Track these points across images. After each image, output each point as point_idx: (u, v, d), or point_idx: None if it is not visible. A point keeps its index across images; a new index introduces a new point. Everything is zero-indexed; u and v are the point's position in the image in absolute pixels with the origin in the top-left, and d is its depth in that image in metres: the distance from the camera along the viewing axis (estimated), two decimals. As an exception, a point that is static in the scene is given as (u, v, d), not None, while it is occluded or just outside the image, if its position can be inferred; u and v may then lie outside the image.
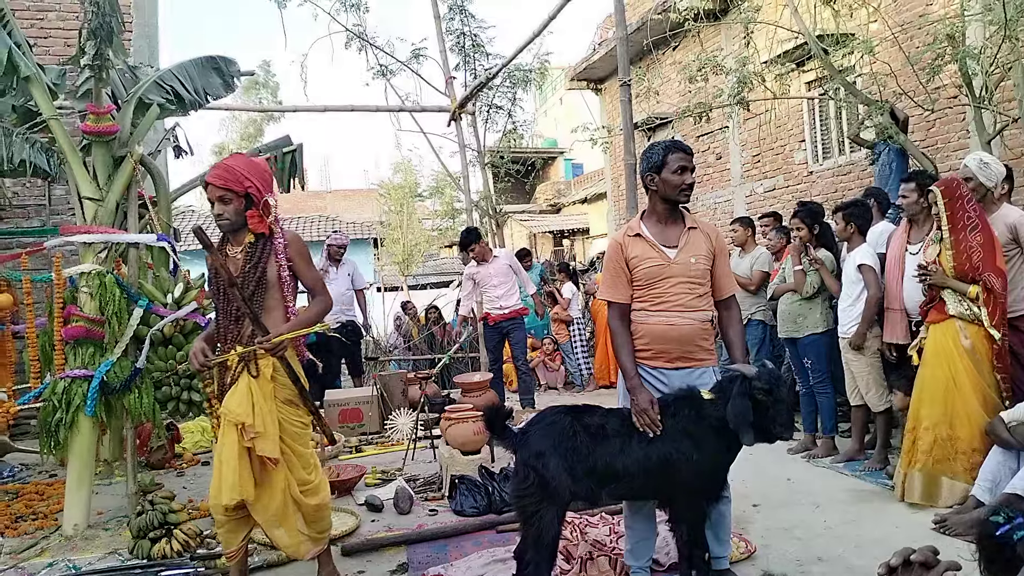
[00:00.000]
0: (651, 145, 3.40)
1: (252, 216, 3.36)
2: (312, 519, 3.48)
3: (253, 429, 3.19)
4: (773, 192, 10.38)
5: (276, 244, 3.42)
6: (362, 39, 10.83)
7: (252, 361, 3.30)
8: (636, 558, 3.42)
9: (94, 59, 4.69)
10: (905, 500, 4.40)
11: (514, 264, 7.96)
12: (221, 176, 3.33)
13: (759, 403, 3.05)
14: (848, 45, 6.24)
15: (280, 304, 3.44)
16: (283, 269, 3.41)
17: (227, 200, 3.33)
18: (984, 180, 4.41)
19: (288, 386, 3.41)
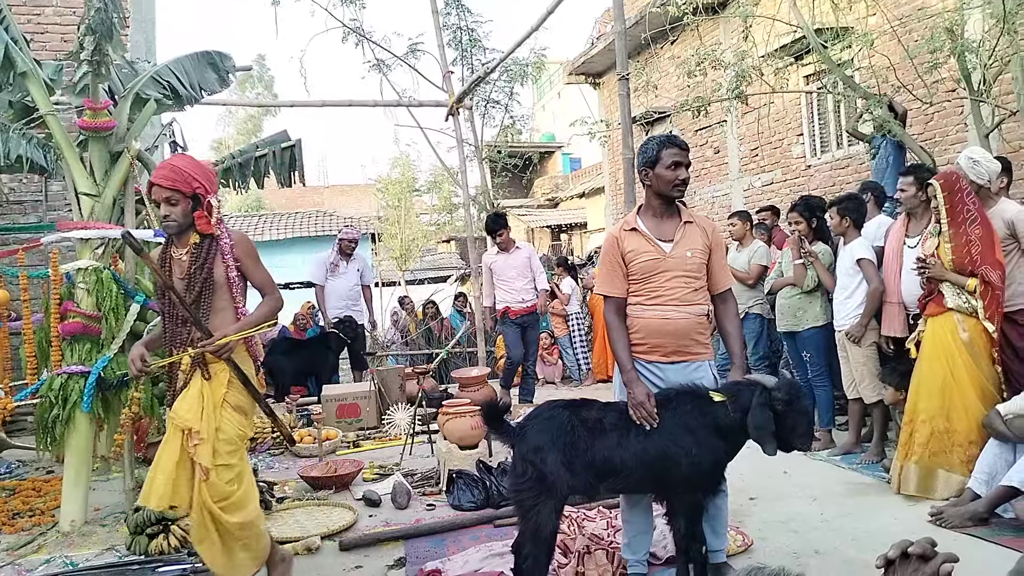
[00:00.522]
0: (647, 140, 3.40)
1: (200, 217, 3.28)
2: (237, 538, 3.24)
3: (199, 435, 3.11)
4: (771, 186, 10.38)
5: (222, 245, 3.33)
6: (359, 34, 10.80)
7: (204, 365, 3.23)
8: (633, 551, 3.42)
9: (93, 55, 4.67)
10: (901, 492, 4.41)
11: (534, 259, 7.67)
12: (168, 177, 3.23)
13: (778, 413, 3.06)
14: (847, 39, 6.24)
15: (230, 305, 3.35)
16: (231, 270, 3.32)
17: (174, 201, 3.24)
18: (975, 178, 4.41)
19: (241, 391, 3.32)
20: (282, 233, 19.88)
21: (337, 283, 8.56)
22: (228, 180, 6.47)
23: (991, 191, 4.49)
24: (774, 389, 3.09)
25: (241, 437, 3.33)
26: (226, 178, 6.42)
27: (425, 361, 9.59)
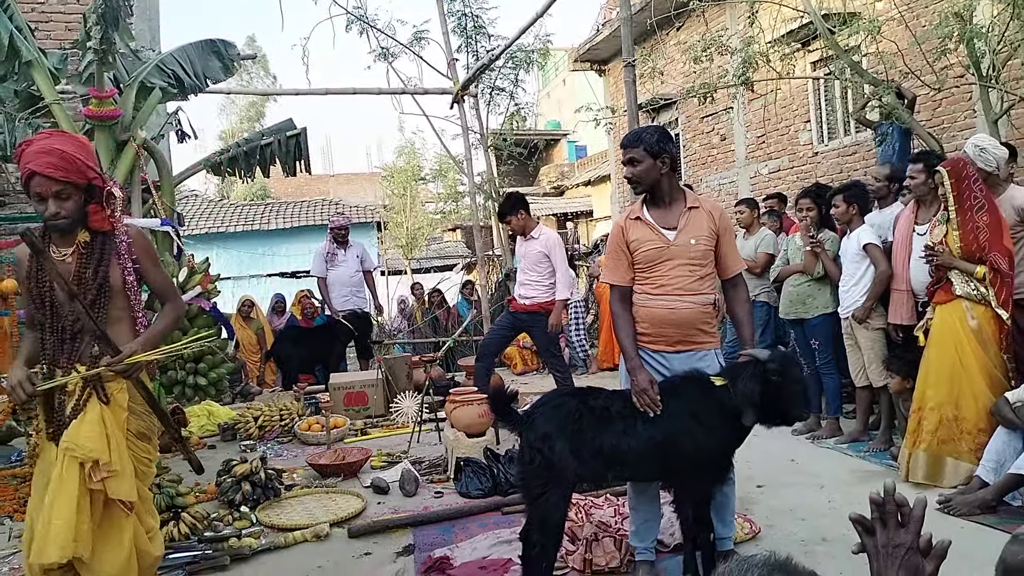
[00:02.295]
0: None
1: (95, 211, 2.78)
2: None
3: (108, 467, 2.61)
4: (778, 173, 10.34)
5: (119, 243, 2.82)
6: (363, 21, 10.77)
7: (100, 386, 2.71)
8: (641, 539, 3.43)
9: (100, 43, 4.67)
10: (909, 480, 4.41)
11: (554, 254, 6.28)
12: (58, 166, 2.64)
13: (773, 385, 3.05)
14: (854, 24, 6.19)
15: (127, 314, 2.86)
16: (128, 272, 2.82)
17: (65, 195, 2.69)
18: (982, 165, 4.38)
19: (142, 415, 2.86)
20: (288, 222, 19.86)
21: (338, 272, 8.50)
22: (234, 169, 6.47)
23: (999, 178, 4.47)
24: (768, 361, 3.08)
25: (150, 462, 2.94)
26: (232, 167, 6.43)
27: (432, 349, 9.60)
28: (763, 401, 3.04)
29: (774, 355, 3.13)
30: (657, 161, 3.25)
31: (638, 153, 3.26)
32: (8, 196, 8.45)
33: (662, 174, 3.27)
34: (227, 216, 20.84)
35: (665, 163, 3.26)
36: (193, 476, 5.13)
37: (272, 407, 7.04)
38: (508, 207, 6.53)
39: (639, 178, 3.29)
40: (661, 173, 3.27)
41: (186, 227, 17.85)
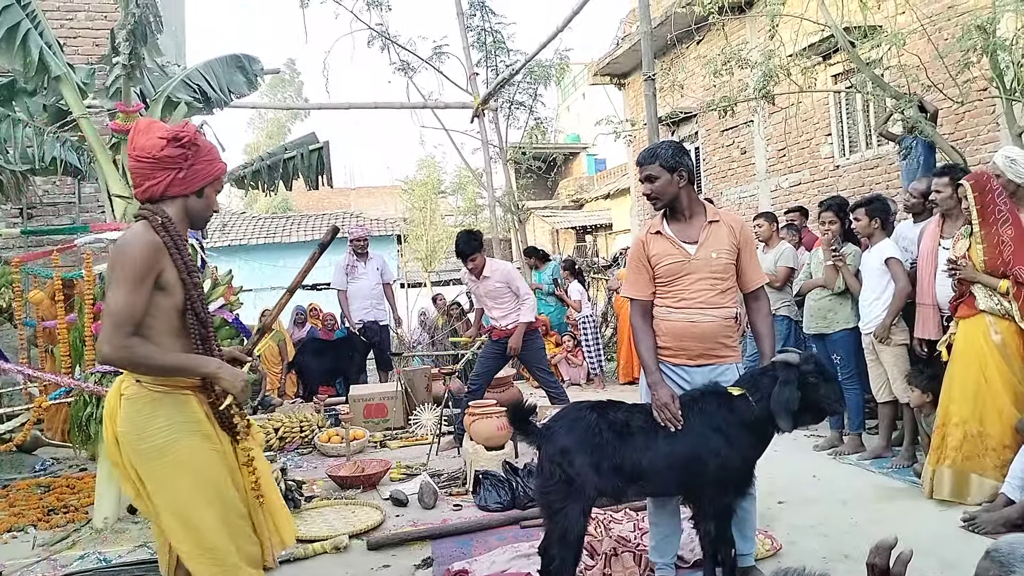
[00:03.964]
0: None
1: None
2: None
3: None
4: (799, 187, 10.29)
5: None
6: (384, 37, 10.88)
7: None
8: (661, 554, 3.41)
9: (129, 59, 4.76)
10: (933, 497, 4.35)
11: (513, 282, 6.33)
12: None
13: (810, 386, 3.07)
14: (876, 37, 6.16)
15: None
16: None
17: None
18: (1013, 176, 4.33)
19: None
20: (309, 235, 20.02)
21: (358, 285, 8.55)
22: (257, 182, 6.54)
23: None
24: (802, 363, 3.09)
25: None
26: (255, 180, 6.50)
27: (451, 362, 9.62)
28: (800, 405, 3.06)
29: (805, 357, 3.15)
30: (674, 176, 3.25)
31: (654, 169, 3.27)
32: (36, 208, 8.60)
33: (680, 188, 3.27)
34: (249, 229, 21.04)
35: (682, 177, 3.26)
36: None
37: (292, 418, 7.08)
38: (473, 247, 6.23)
39: (658, 194, 3.30)
40: (679, 187, 3.27)
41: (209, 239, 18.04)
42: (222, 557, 2.52)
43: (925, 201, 5.32)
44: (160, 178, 2.57)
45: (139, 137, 2.58)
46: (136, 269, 2.44)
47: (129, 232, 2.55)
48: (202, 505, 2.52)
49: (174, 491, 2.51)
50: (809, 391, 3.08)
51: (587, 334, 9.84)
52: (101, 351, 2.43)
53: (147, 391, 2.53)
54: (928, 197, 5.21)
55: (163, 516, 2.53)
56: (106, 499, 4.68)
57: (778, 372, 3.10)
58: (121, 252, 2.47)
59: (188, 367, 2.57)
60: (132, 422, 2.51)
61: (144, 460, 2.51)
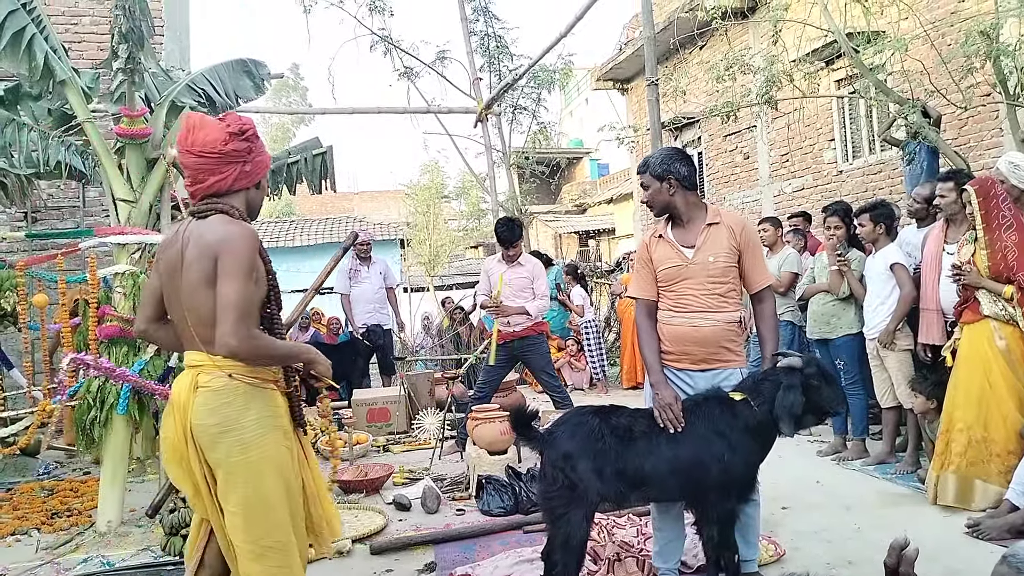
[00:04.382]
0: None
1: None
2: None
3: None
4: (802, 192, 10.29)
5: None
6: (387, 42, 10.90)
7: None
8: (664, 560, 3.41)
9: (126, 63, 4.78)
10: (938, 503, 4.34)
11: (538, 282, 6.24)
12: None
13: (812, 389, 3.10)
14: (879, 43, 6.17)
15: None
16: None
17: None
18: (1016, 182, 4.33)
19: None
20: (312, 239, 20.04)
21: (361, 289, 8.57)
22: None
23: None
24: (805, 367, 3.11)
25: None
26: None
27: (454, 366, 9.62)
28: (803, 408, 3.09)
29: (807, 360, 3.17)
30: (663, 184, 3.32)
31: (646, 179, 3.38)
32: (40, 212, 8.62)
33: (671, 195, 3.33)
34: (253, 233, 21.00)
35: (671, 184, 3.31)
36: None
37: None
38: (517, 233, 6.18)
39: (651, 202, 3.41)
40: (670, 195, 3.33)
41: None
42: (286, 553, 2.55)
43: (928, 206, 5.31)
44: (227, 172, 2.58)
45: (198, 133, 2.56)
46: (248, 260, 2.47)
47: (227, 225, 2.52)
48: (279, 501, 2.54)
49: (256, 486, 2.51)
50: (812, 394, 3.11)
51: (590, 339, 9.83)
52: (228, 344, 2.39)
53: (240, 383, 2.52)
54: (931, 202, 5.21)
55: (235, 511, 2.50)
56: (109, 502, 4.68)
57: (781, 377, 3.11)
58: (230, 244, 2.45)
59: (297, 354, 2.67)
60: (222, 414, 2.48)
61: (229, 453, 2.49)
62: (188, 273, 2.50)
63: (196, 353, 2.54)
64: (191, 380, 2.51)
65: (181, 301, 2.54)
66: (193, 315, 2.51)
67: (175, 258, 2.55)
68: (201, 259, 2.47)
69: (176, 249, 2.55)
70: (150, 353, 4.70)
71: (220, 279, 2.43)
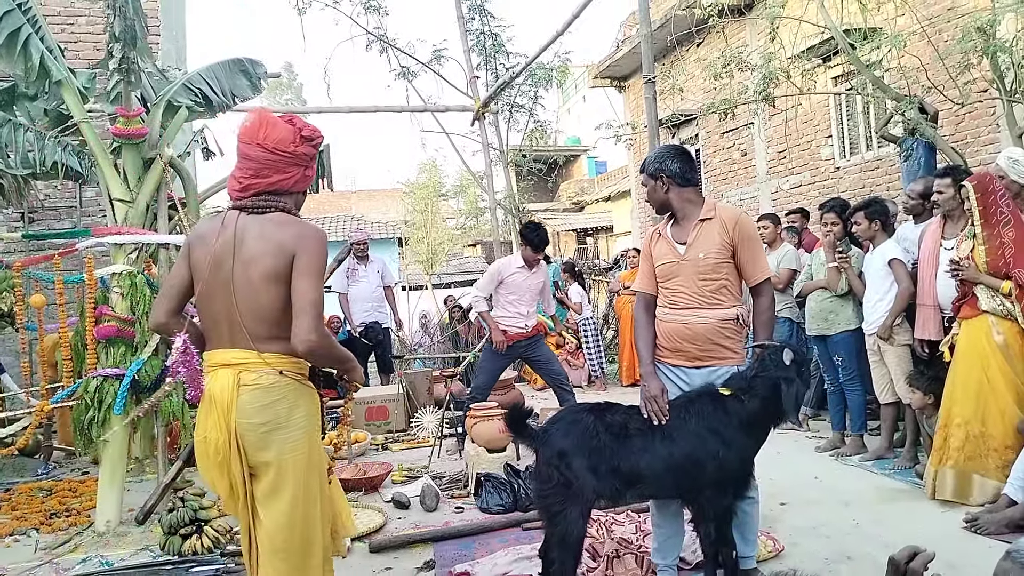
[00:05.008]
0: None
1: None
2: None
3: None
4: (799, 188, 10.30)
5: None
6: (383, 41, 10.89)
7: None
8: (663, 556, 3.41)
9: (121, 63, 4.77)
10: (936, 498, 4.35)
11: (547, 286, 6.47)
12: None
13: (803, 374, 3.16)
14: (875, 39, 6.17)
15: None
16: None
17: None
18: (1016, 177, 4.34)
19: None
20: (310, 238, 20.04)
21: (359, 288, 8.58)
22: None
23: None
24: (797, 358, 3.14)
25: None
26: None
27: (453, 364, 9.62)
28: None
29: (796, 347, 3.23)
30: (657, 182, 3.37)
31: (643, 178, 3.46)
32: (37, 212, 8.61)
33: (666, 193, 3.36)
34: (250, 232, 20.95)
35: (663, 181, 3.35)
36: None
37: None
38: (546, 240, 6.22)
39: (649, 200, 3.48)
40: (664, 192, 3.36)
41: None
42: (316, 550, 2.59)
43: (924, 202, 5.32)
44: (292, 173, 2.60)
45: (271, 129, 2.56)
46: (324, 261, 2.53)
47: (301, 225, 2.56)
48: (317, 499, 2.59)
49: (307, 484, 2.54)
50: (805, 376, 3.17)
51: (588, 336, 9.83)
52: (309, 340, 2.39)
53: (290, 381, 2.53)
54: (926, 198, 5.22)
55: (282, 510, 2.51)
56: (108, 502, 4.68)
57: (779, 372, 3.10)
58: (309, 243, 2.48)
59: (348, 359, 2.70)
60: (272, 412, 2.48)
61: (281, 452, 2.50)
62: (251, 267, 2.48)
63: (238, 351, 2.51)
64: (233, 379, 2.47)
65: (232, 295, 2.49)
66: (250, 311, 2.48)
67: (225, 251, 2.51)
68: (273, 255, 2.46)
69: (226, 242, 2.52)
70: (147, 353, 4.70)
71: (299, 277, 2.44)
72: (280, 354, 2.50)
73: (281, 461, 2.50)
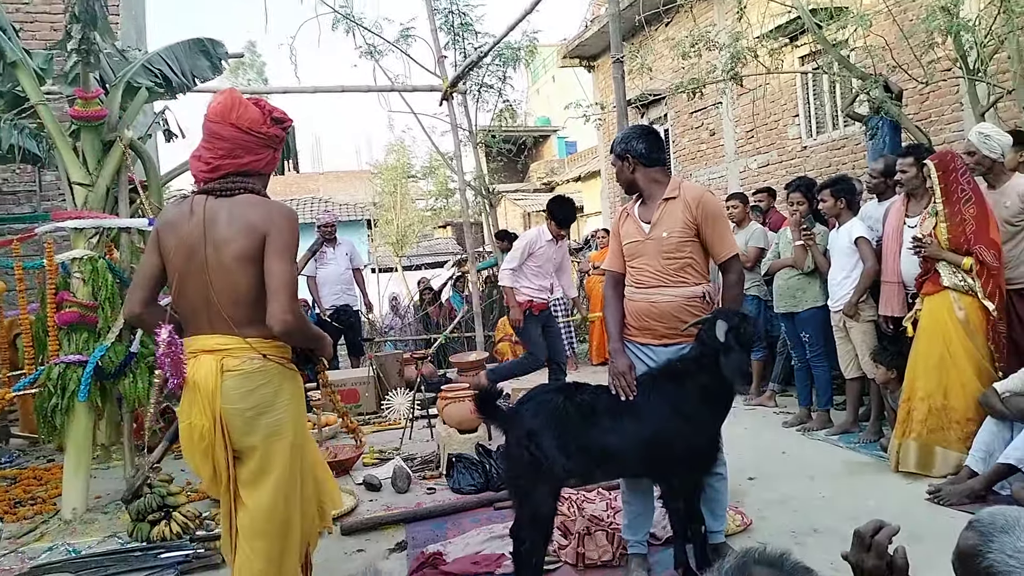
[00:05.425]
0: None
1: None
2: None
3: None
4: (767, 167, 10.37)
5: None
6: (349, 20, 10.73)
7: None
8: (634, 532, 3.44)
9: (80, 43, 4.65)
10: (900, 470, 4.44)
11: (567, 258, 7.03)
12: None
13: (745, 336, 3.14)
14: (842, 19, 6.20)
15: None
16: None
17: None
18: (987, 152, 4.38)
19: None
20: (277, 220, 19.83)
21: (327, 270, 8.51)
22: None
23: (1004, 165, 4.45)
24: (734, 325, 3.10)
25: None
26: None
27: (424, 346, 9.60)
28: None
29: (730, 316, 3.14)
30: (624, 163, 3.40)
31: (612, 159, 3.48)
32: (-5, 197, 8.40)
33: (632, 173, 3.39)
34: (216, 215, 20.67)
35: (629, 162, 3.37)
36: (185, 475, 5.14)
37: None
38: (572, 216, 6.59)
39: (618, 181, 3.52)
40: (631, 173, 3.39)
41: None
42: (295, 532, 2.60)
43: (886, 180, 5.38)
44: (263, 156, 2.60)
45: (242, 109, 2.54)
46: (296, 241, 2.53)
47: (271, 205, 2.55)
48: (299, 482, 2.60)
49: (292, 467, 2.55)
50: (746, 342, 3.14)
51: (559, 316, 9.84)
52: (285, 321, 2.40)
53: (274, 365, 2.53)
54: (888, 176, 5.29)
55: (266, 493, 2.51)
56: (74, 490, 4.62)
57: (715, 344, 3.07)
58: (281, 223, 2.48)
59: (321, 337, 2.71)
60: (257, 396, 2.48)
61: (267, 436, 2.50)
62: (224, 250, 2.45)
63: (220, 336, 2.49)
64: (216, 365, 2.46)
65: (207, 280, 2.47)
66: (227, 294, 2.46)
67: (196, 236, 2.48)
68: (245, 236, 2.45)
69: (196, 226, 2.49)
70: (111, 339, 4.62)
71: (271, 257, 2.43)
72: (263, 338, 2.49)
73: (267, 445, 2.50)
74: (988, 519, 1.26)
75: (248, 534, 2.52)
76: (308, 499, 2.70)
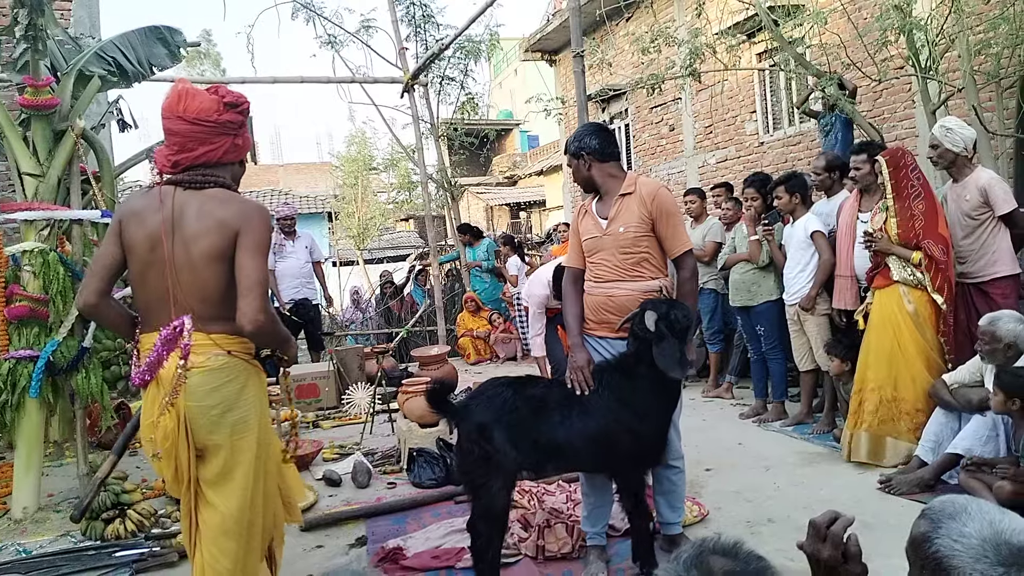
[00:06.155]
0: None
1: None
2: None
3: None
4: (725, 163, 10.49)
5: None
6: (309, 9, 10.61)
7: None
8: (592, 524, 3.48)
9: (27, 29, 4.53)
10: (852, 460, 4.54)
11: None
12: None
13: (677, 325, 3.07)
14: (798, 16, 6.30)
15: None
16: None
17: None
18: (949, 145, 4.43)
19: None
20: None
21: (287, 264, 8.42)
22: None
23: (968, 159, 4.51)
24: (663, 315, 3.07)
25: None
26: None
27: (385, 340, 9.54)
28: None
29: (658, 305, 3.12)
30: (579, 161, 3.43)
31: (568, 158, 3.51)
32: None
33: (588, 171, 3.42)
34: (173, 207, 20.32)
35: (585, 159, 3.41)
36: (140, 472, 5.06)
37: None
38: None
39: (575, 180, 3.56)
40: (588, 170, 3.42)
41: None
42: (257, 530, 2.58)
43: (830, 175, 5.49)
44: (219, 144, 2.52)
45: (190, 100, 2.47)
46: (268, 238, 2.48)
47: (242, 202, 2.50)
48: (263, 479, 2.57)
49: (256, 465, 2.52)
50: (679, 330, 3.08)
51: (522, 310, 9.85)
52: (256, 320, 2.35)
53: (239, 361, 2.49)
54: (832, 171, 5.41)
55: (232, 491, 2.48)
56: (25, 488, 4.51)
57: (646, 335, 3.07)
58: (253, 221, 2.43)
59: (288, 336, 2.67)
60: (223, 393, 2.44)
61: (232, 434, 2.47)
62: (193, 246, 2.41)
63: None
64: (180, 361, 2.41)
65: (172, 274, 2.42)
66: (193, 291, 2.41)
67: (163, 229, 2.42)
68: (216, 233, 2.40)
69: (164, 219, 2.43)
70: (63, 334, 4.52)
71: (243, 255, 2.39)
72: (227, 334, 2.46)
73: (233, 442, 2.47)
74: (939, 507, 1.31)
75: (216, 534, 2.49)
76: (272, 495, 2.67)
